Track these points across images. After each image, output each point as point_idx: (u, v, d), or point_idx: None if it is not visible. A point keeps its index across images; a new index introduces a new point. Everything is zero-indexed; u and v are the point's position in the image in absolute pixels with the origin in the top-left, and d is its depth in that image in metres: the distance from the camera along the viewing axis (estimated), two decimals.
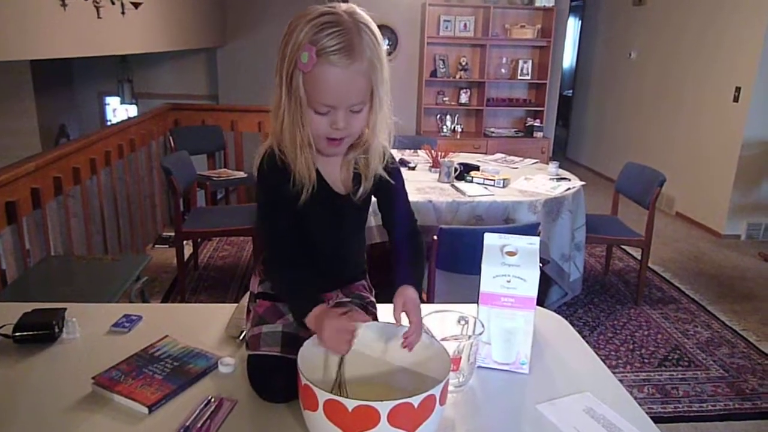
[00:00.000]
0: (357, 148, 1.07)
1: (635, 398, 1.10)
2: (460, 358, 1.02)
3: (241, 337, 1.20)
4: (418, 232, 1.17)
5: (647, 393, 2.59)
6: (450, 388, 1.05)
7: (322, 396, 0.78)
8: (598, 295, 3.54)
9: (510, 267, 1.07)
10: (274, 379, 1.00)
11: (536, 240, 1.09)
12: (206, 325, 1.26)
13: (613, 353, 2.90)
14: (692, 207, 5.03)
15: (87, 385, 1.03)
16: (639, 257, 3.86)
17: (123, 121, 4.07)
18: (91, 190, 3.28)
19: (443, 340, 1.00)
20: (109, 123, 6.13)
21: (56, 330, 1.18)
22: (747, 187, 4.55)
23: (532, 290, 1.07)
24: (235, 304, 1.32)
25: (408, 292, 1.04)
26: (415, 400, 0.77)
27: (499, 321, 1.09)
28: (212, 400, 1.00)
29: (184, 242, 3.42)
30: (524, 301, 1.08)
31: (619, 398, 1.07)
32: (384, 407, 0.75)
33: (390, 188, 1.12)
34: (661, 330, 3.14)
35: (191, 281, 3.60)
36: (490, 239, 1.11)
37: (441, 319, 1.10)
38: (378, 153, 1.07)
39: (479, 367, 1.12)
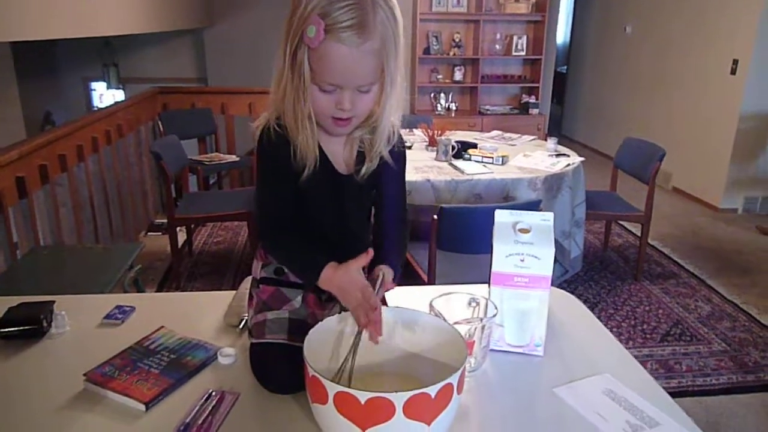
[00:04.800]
0: (364, 126, 1.00)
1: (631, 355, 1.06)
2: (473, 342, 0.97)
3: (241, 326, 1.15)
4: (407, 222, 1.12)
5: (650, 369, 2.56)
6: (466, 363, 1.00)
7: (332, 388, 0.72)
8: (597, 272, 3.51)
9: (523, 245, 1.01)
10: (280, 368, 0.94)
11: (550, 216, 1.04)
12: (203, 315, 1.20)
13: (615, 330, 2.87)
14: (689, 181, 4.99)
15: (78, 382, 0.97)
16: (637, 233, 3.84)
17: (110, 106, 3.97)
18: (79, 178, 3.19)
19: (455, 323, 0.94)
20: (96, 109, 5.99)
21: (44, 324, 1.11)
22: (744, 160, 4.51)
23: (547, 269, 1.01)
24: (234, 291, 1.26)
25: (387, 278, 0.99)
26: (432, 390, 0.72)
27: (513, 302, 1.04)
28: (213, 393, 0.94)
29: (178, 229, 3.34)
30: (539, 281, 1.02)
31: (639, 378, 1.02)
32: (399, 398, 0.70)
33: (390, 171, 1.06)
34: (662, 305, 3.12)
35: (186, 268, 3.53)
36: (502, 216, 1.05)
37: (450, 302, 1.05)
38: (386, 133, 1.01)
39: (492, 350, 1.07)
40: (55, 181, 2.91)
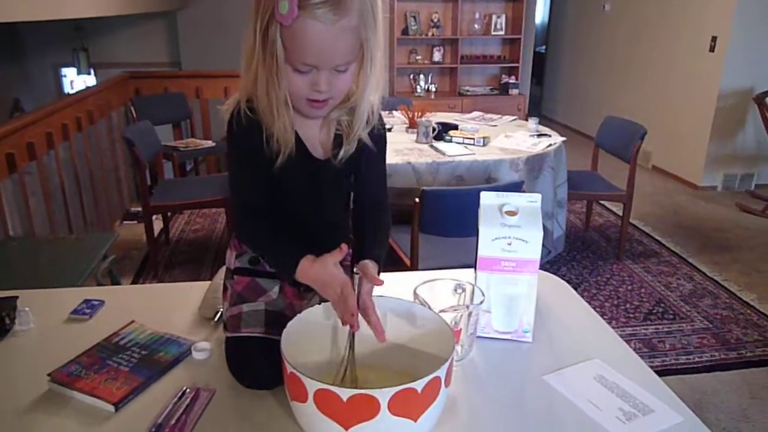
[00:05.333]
0: (341, 107, 0.95)
1: (621, 339, 1.04)
2: (460, 330, 0.93)
3: (216, 318, 1.09)
4: (389, 209, 1.06)
5: (634, 347, 2.57)
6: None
7: (312, 386, 0.68)
8: (580, 252, 3.51)
9: (510, 228, 0.97)
10: (257, 363, 0.89)
11: (538, 198, 1.00)
12: (177, 307, 1.15)
13: (598, 309, 2.84)
14: (669, 160, 5.01)
15: (43, 383, 0.91)
16: (619, 212, 3.84)
17: (79, 92, 3.84)
18: (49, 167, 3.08)
19: (441, 311, 0.90)
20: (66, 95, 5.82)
21: (7, 322, 1.05)
22: (723, 138, 4.53)
23: (535, 252, 0.98)
24: (209, 282, 1.21)
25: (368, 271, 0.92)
26: (419, 385, 0.67)
27: (500, 287, 1.00)
28: (187, 391, 0.89)
29: (153, 217, 3.26)
30: (527, 265, 0.98)
31: (629, 363, 0.99)
32: (384, 395, 0.66)
33: (369, 155, 1.00)
34: (644, 284, 3.12)
35: (164, 257, 3.45)
36: (488, 198, 1.01)
37: (434, 289, 1.00)
38: (365, 115, 0.95)
39: (479, 336, 1.03)
40: (24, 170, 2.80)
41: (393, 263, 2.49)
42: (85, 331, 1.06)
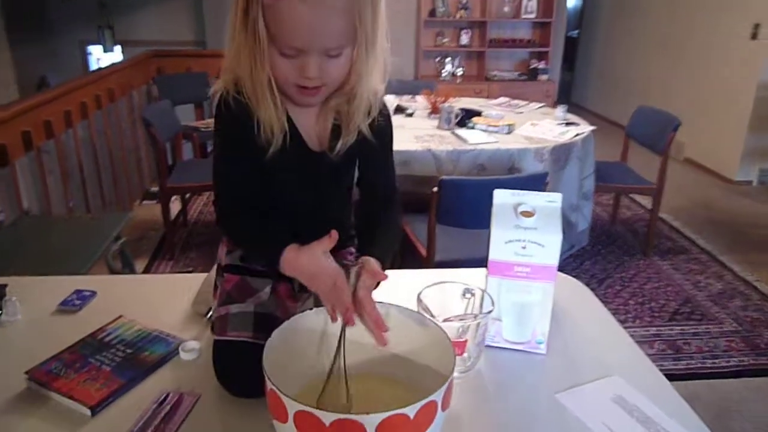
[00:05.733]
0: (339, 95, 0.86)
1: (646, 354, 0.95)
2: (466, 341, 0.85)
3: (209, 315, 1.03)
4: (398, 203, 0.98)
5: (658, 349, 2.46)
6: (454, 373, 0.89)
7: (293, 406, 0.61)
8: (605, 246, 3.39)
9: (526, 231, 0.89)
10: (244, 369, 0.82)
11: (558, 198, 0.91)
12: (170, 301, 1.09)
13: (621, 307, 2.76)
14: (703, 152, 4.81)
15: (23, 380, 0.86)
16: (648, 205, 3.70)
17: (98, 70, 3.82)
18: (67, 145, 3.06)
19: (445, 320, 0.83)
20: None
21: None
22: (761, 130, 4.32)
23: (553, 257, 0.89)
24: (205, 274, 1.15)
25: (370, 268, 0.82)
26: (411, 411, 0.60)
27: (512, 294, 0.92)
28: (170, 396, 0.83)
29: (173, 198, 3.23)
30: (542, 271, 0.90)
31: (654, 383, 0.90)
32: (371, 421, 0.59)
33: (373, 147, 0.91)
34: (672, 282, 3.00)
35: (181, 239, 3.43)
36: (501, 197, 0.92)
37: (442, 292, 0.92)
38: (364, 103, 0.87)
39: (488, 346, 0.96)
40: (41, 148, 2.78)
41: (409, 253, 2.43)
42: (73, 324, 1.01)
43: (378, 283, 0.82)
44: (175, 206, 3.47)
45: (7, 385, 0.86)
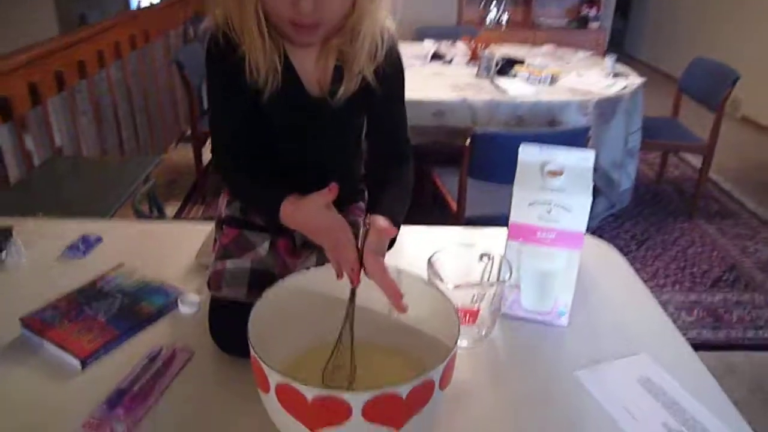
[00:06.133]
0: (341, 34, 0.77)
1: (683, 322, 0.86)
2: (479, 310, 0.78)
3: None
4: (410, 157, 0.89)
5: (696, 316, 2.34)
6: (464, 344, 0.82)
7: (273, 377, 0.56)
8: (648, 207, 3.23)
9: (552, 192, 0.80)
10: (237, 328, 0.78)
11: (590, 156, 0.81)
12: (177, 250, 1.05)
13: (661, 271, 2.64)
14: (761, 110, 4.50)
15: (18, 326, 0.84)
16: (697, 165, 3.50)
17: (134, 10, 3.76)
18: (100, 86, 3.05)
19: (457, 287, 0.75)
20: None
21: None
22: None
23: (581, 223, 0.80)
24: (213, 223, 1.10)
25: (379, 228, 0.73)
26: (404, 389, 0.54)
27: (533, 261, 0.84)
28: (162, 351, 0.79)
29: (208, 141, 3.20)
30: (568, 238, 0.81)
31: (686, 365, 0.81)
32: (357, 399, 0.53)
33: (380, 95, 0.82)
34: (717, 247, 2.84)
35: (213, 183, 3.42)
36: (527, 153, 0.83)
37: (459, 255, 0.85)
38: (368, 45, 0.78)
39: (505, 314, 0.88)
40: (74, 89, 2.77)
41: (438, 207, 2.35)
42: (76, 269, 0.98)
43: (391, 244, 0.75)
44: (208, 150, 3.45)
45: (3, 330, 0.84)
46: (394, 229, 0.73)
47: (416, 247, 0.89)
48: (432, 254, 0.81)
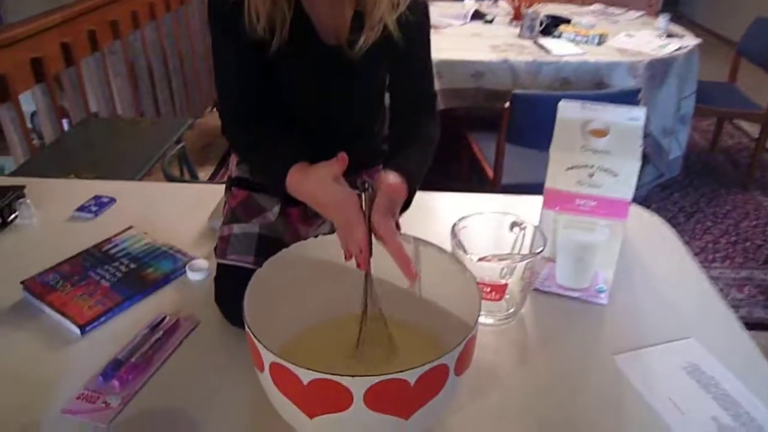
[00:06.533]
0: None
1: (733, 299, 0.76)
2: (506, 284, 0.71)
3: None
4: (435, 111, 0.80)
5: (747, 294, 2.21)
6: (490, 321, 0.75)
7: (268, 357, 0.50)
8: (699, 177, 3.05)
9: (595, 154, 0.70)
10: (243, 297, 0.72)
11: (641, 114, 0.71)
12: (190, 213, 1.00)
13: (710, 245, 2.49)
14: None
15: (20, 289, 0.80)
16: (754, 134, 3.28)
17: None
18: (135, 47, 3.02)
19: (481, 260, 0.68)
20: None
21: (6, 213, 0.95)
22: None
23: (627, 190, 0.70)
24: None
25: (390, 186, 0.66)
26: (412, 375, 0.47)
27: (571, 232, 0.75)
28: (166, 319, 0.75)
29: None
30: (612, 206, 0.72)
31: (741, 352, 0.72)
32: (358, 385, 0.46)
33: (403, 46, 0.74)
34: None
35: None
36: (567, 110, 0.74)
37: (487, 223, 0.77)
38: None
39: (536, 290, 0.80)
40: (107, 49, 2.75)
41: (475, 173, 2.25)
42: (85, 231, 0.94)
43: (407, 205, 0.68)
44: None
45: (6, 293, 0.81)
46: (403, 186, 0.65)
47: (445, 214, 0.81)
48: (456, 222, 0.73)
